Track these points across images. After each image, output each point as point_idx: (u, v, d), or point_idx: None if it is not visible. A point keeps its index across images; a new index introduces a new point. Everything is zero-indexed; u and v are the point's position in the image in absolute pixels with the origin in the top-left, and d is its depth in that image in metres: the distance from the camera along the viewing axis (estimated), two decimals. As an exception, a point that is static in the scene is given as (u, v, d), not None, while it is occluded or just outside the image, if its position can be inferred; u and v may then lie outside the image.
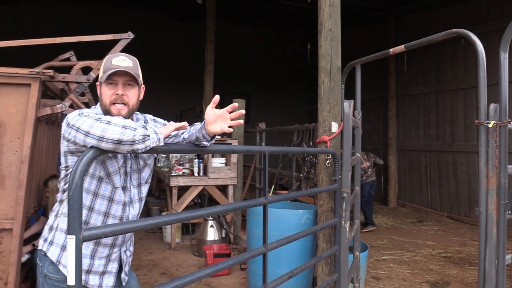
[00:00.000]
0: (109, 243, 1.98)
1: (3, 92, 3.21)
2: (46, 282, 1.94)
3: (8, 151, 3.20)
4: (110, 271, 2.02)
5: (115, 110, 1.88)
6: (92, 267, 1.95)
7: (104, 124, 1.59)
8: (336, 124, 3.64)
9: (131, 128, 1.61)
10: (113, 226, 1.51)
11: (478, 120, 2.79)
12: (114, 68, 1.87)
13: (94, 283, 1.96)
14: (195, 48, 11.93)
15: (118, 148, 1.59)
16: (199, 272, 1.86)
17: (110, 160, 1.91)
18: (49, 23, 11.28)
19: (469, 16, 8.37)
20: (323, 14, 3.67)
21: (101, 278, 1.98)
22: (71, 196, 1.34)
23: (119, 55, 1.95)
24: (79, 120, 1.66)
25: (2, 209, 3.19)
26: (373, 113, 10.88)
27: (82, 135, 1.63)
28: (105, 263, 1.99)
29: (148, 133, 1.65)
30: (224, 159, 6.38)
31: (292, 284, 3.91)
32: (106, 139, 1.57)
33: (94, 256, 1.95)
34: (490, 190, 2.74)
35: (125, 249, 2.09)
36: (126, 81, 1.90)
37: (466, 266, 5.40)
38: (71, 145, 1.78)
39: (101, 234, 1.43)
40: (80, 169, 1.38)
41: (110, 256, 2.01)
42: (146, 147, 1.64)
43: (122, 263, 2.08)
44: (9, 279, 3.16)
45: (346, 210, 3.08)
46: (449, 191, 8.77)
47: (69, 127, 1.70)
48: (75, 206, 1.33)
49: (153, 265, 5.32)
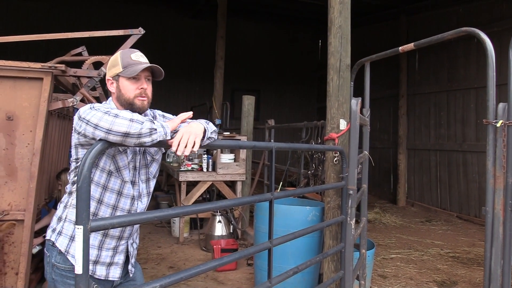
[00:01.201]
0: (116, 235, 2.03)
1: (16, 85, 3.28)
2: (53, 271, 1.98)
3: (20, 143, 3.27)
4: (117, 262, 2.06)
5: (139, 102, 1.97)
6: (99, 257, 1.99)
7: (112, 117, 1.63)
8: (344, 121, 3.64)
9: (138, 121, 1.64)
10: (120, 217, 1.55)
11: (486, 119, 2.78)
12: (137, 63, 1.95)
13: (101, 274, 2.00)
14: (206, 44, 11.96)
15: (126, 140, 1.63)
16: (205, 265, 1.88)
17: (120, 154, 1.95)
18: (62, 18, 11.41)
19: (483, 14, 8.27)
20: (333, 11, 3.67)
21: (108, 269, 2.02)
22: (79, 187, 1.37)
23: (135, 51, 2.02)
24: (90, 114, 1.70)
25: (14, 200, 3.26)
26: (384, 111, 10.82)
27: (91, 128, 1.67)
28: (112, 255, 2.03)
29: (155, 127, 1.68)
30: (233, 155, 6.41)
31: (298, 280, 3.93)
32: (113, 131, 1.60)
33: (101, 247, 1.99)
34: (497, 190, 2.73)
35: (132, 242, 2.13)
36: (147, 76, 2.00)
37: (475, 266, 5.37)
38: (81, 137, 1.83)
39: (109, 225, 1.47)
40: (89, 161, 1.41)
41: (117, 248, 2.05)
42: (152, 140, 1.67)
43: (129, 255, 2.12)
44: (20, 269, 3.23)
45: (352, 207, 3.09)
46: (459, 191, 8.70)
47: (80, 120, 1.74)
48: (83, 197, 1.37)
49: (161, 259, 5.38)
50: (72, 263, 1.93)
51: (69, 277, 1.94)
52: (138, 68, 1.93)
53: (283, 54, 14.20)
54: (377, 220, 8.09)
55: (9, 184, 3.25)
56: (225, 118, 8.91)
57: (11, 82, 3.26)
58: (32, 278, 3.98)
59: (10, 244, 3.25)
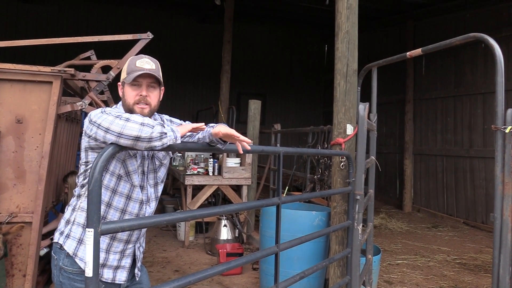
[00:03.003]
0: (124, 239, 2.03)
1: (26, 89, 3.31)
2: (61, 274, 1.99)
3: (29, 146, 3.30)
4: (124, 266, 2.06)
5: (138, 109, 1.96)
6: (107, 261, 2.00)
7: (123, 121, 1.64)
8: (351, 126, 3.64)
9: (149, 125, 1.66)
10: (130, 221, 1.56)
11: (495, 125, 2.76)
12: (139, 70, 1.94)
13: (108, 277, 2.01)
14: (213, 48, 12.02)
15: (136, 144, 1.64)
16: (212, 269, 1.89)
17: (130, 159, 1.96)
18: (71, 23, 11.52)
19: (490, 20, 8.24)
20: (341, 16, 3.68)
21: (114, 272, 2.03)
22: (90, 190, 1.38)
23: (143, 57, 2.02)
24: (101, 117, 1.71)
25: (23, 202, 3.29)
26: (390, 116, 10.79)
27: (102, 132, 1.68)
28: (119, 258, 2.04)
29: (166, 131, 1.69)
30: (239, 159, 6.42)
31: (304, 286, 3.92)
32: (125, 135, 1.62)
33: (109, 251, 2.00)
34: (506, 196, 2.71)
35: (138, 246, 2.14)
36: (149, 83, 1.98)
37: (482, 273, 5.33)
38: (92, 141, 1.84)
39: (119, 228, 1.48)
40: (100, 165, 1.43)
41: (125, 251, 2.06)
42: (163, 144, 1.69)
43: (136, 258, 2.13)
44: (28, 271, 3.25)
45: (359, 212, 3.08)
46: (466, 197, 8.64)
47: (91, 124, 1.76)
48: (94, 200, 1.38)
49: (167, 262, 5.39)
50: (80, 266, 1.94)
51: (77, 280, 1.95)
52: (134, 75, 1.94)
53: (290, 58, 14.23)
54: (383, 226, 8.05)
55: (17, 186, 3.28)
56: (231, 123, 8.93)
57: (21, 86, 3.29)
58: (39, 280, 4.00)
59: (18, 246, 3.27)
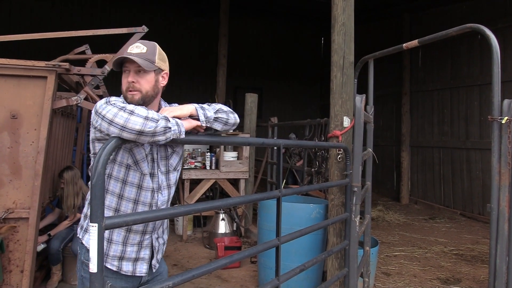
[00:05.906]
0: (140, 230, 1.99)
1: (20, 84, 3.28)
2: (82, 269, 1.98)
3: (24, 142, 3.28)
4: (143, 257, 2.02)
5: (129, 95, 1.90)
6: (124, 253, 1.96)
7: (127, 114, 1.61)
8: (348, 119, 3.64)
9: (153, 119, 1.63)
10: (133, 215, 1.52)
11: (491, 116, 2.76)
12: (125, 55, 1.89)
13: (127, 269, 1.97)
14: (209, 42, 11.97)
15: (139, 138, 1.62)
16: (216, 263, 1.89)
17: (137, 148, 1.91)
18: (65, 17, 11.44)
19: (486, 11, 8.23)
20: (337, 8, 3.66)
21: (134, 264, 2.00)
22: (93, 184, 1.34)
23: (135, 43, 1.96)
24: (105, 109, 1.67)
25: (19, 198, 3.27)
26: (387, 108, 10.80)
27: (106, 124, 1.64)
28: (137, 250, 2.00)
29: (170, 125, 1.67)
30: (236, 153, 6.42)
31: (302, 278, 3.93)
32: (128, 129, 1.59)
33: (126, 243, 1.97)
34: (503, 187, 2.72)
35: (157, 236, 2.09)
36: (137, 67, 1.90)
37: (479, 263, 5.36)
38: (98, 132, 1.81)
39: (123, 223, 1.44)
40: (103, 158, 1.39)
41: (142, 242, 2.01)
42: (166, 138, 1.67)
43: (154, 250, 2.08)
44: (25, 267, 3.24)
45: (356, 204, 3.09)
46: (462, 188, 8.68)
47: (97, 115, 1.72)
48: (97, 194, 1.34)
49: (165, 256, 5.39)
50: None
51: None
52: (118, 61, 1.89)
53: (286, 51, 14.18)
54: (380, 218, 8.08)
55: (13, 182, 3.26)
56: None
57: (15, 81, 3.27)
58: (37, 276, 3.99)
59: (15, 242, 3.26)
